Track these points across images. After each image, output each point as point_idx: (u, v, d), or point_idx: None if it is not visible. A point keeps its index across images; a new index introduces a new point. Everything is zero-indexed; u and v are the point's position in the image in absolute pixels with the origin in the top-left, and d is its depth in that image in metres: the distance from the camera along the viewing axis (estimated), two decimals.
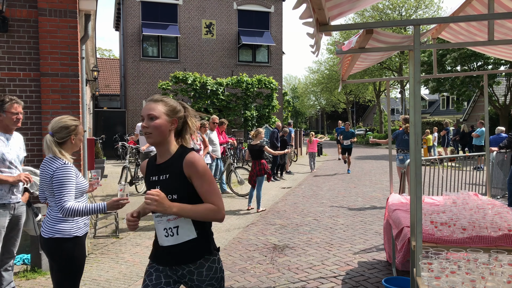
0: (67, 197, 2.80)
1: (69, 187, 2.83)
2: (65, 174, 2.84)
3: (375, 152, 26.55)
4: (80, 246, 2.95)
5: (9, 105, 3.72)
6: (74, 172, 2.93)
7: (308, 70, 76.76)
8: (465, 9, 3.53)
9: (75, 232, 2.91)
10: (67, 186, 2.82)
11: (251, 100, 20.51)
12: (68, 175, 2.85)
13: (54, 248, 2.87)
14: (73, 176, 2.89)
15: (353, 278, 4.69)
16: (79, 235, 2.94)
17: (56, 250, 2.86)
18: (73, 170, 2.93)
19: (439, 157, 8.24)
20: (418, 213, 2.69)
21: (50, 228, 2.88)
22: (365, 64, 4.80)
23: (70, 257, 2.87)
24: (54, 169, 2.85)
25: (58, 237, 2.86)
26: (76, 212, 2.79)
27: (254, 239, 6.40)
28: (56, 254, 2.87)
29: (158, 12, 22.84)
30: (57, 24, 5.35)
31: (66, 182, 2.83)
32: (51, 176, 2.85)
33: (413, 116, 2.76)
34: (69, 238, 2.88)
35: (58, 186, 2.81)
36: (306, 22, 2.29)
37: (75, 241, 2.91)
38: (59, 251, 2.86)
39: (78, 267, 2.93)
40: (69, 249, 2.87)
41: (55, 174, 2.84)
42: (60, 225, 2.88)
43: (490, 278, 2.28)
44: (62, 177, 2.83)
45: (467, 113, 35.81)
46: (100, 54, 44.65)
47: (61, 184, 2.81)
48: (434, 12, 33.32)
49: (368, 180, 13.22)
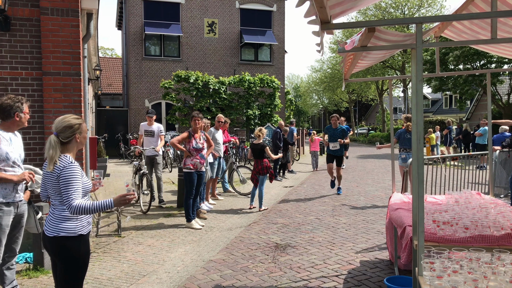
0: (74, 195, 2.80)
1: (76, 185, 2.83)
2: (72, 172, 2.84)
3: (378, 151, 26.51)
4: (85, 244, 2.95)
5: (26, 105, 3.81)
6: (80, 171, 2.93)
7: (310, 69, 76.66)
8: (468, 7, 3.52)
9: (79, 230, 2.91)
10: (74, 184, 2.82)
11: (253, 99, 20.49)
12: (75, 173, 2.85)
13: (59, 246, 2.87)
14: (79, 174, 2.89)
15: (355, 277, 4.68)
16: (83, 233, 2.94)
17: (61, 248, 2.86)
18: (79, 168, 2.94)
19: (442, 156, 8.21)
20: (420, 212, 2.68)
21: (54, 226, 2.88)
22: (367, 62, 4.78)
23: (76, 255, 2.87)
24: (61, 167, 2.86)
25: (63, 236, 2.85)
26: (84, 210, 2.78)
27: (256, 238, 6.40)
28: (61, 253, 2.87)
29: (160, 11, 22.84)
30: (59, 23, 5.36)
31: (73, 180, 2.83)
32: (58, 174, 2.85)
33: (416, 114, 2.75)
34: (74, 237, 2.88)
35: (65, 184, 2.82)
36: (311, 20, 2.29)
37: (80, 239, 2.91)
38: (64, 250, 2.86)
39: (83, 265, 2.93)
40: (74, 247, 2.87)
41: (62, 172, 2.84)
42: (64, 224, 2.87)
43: (493, 277, 2.27)
44: (69, 175, 2.83)
45: (470, 112, 35.68)
46: (103, 53, 44.72)
47: (68, 182, 2.82)
48: (437, 11, 33.19)
49: (371, 179, 13.20)
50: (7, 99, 3.75)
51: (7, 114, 3.74)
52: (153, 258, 5.35)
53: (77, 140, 3.03)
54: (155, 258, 5.35)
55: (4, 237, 3.76)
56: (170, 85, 19.46)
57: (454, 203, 3.95)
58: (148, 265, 5.11)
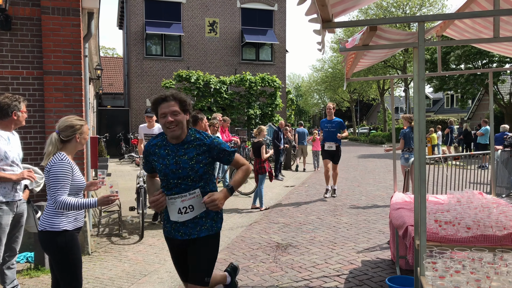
0: (60, 191, 2.93)
1: (64, 181, 2.95)
2: (60, 168, 2.95)
3: (379, 151, 26.47)
4: (71, 240, 3.02)
5: (23, 104, 3.83)
6: (70, 167, 3.01)
7: (311, 68, 76.57)
8: (470, 6, 3.50)
9: (64, 226, 3.01)
10: (61, 181, 2.94)
11: (254, 99, 20.46)
12: (63, 170, 2.96)
13: (46, 241, 3.01)
14: (68, 171, 2.99)
15: (356, 277, 4.67)
16: (68, 229, 3.03)
17: (48, 243, 3.00)
18: (69, 165, 3.01)
19: (444, 155, 8.19)
20: (422, 212, 2.66)
21: (44, 221, 3.02)
22: (369, 61, 4.77)
23: (60, 250, 2.98)
24: (52, 163, 2.98)
25: (48, 231, 2.99)
26: (68, 206, 2.92)
27: (257, 237, 6.39)
28: (48, 247, 3.02)
29: (161, 10, 22.84)
30: (60, 22, 5.35)
31: (61, 176, 2.95)
32: (48, 170, 2.98)
33: (418, 114, 2.74)
34: (58, 232, 2.99)
35: (53, 179, 2.94)
36: (312, 18, 2.28)
37: (64, 234, 3.01)
38: (50, 244, 3.00)
39: (73, 259, 3.02)
40: (59, 242, 2.98)
41: (52, 168, 2.96)
42: (51, 219, 3.00)
43: (495, 277, 2.26)
44: (57, 171, 2.95)
45: (472, 112, 35.63)
46: (104, 52, 44.73)
47: (56, 178, 2.94)
48: (439, 10, 33.12)
49: (372, 178, 13.18)
50: (4, 98, 3.76)
51: (5, 113, 3.75)
52: (154, 258, 5.35)
53: (77, 140, 3.13)
54: (156, 258, 5.35)
55: (4, 236, 3.76)
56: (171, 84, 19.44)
57: (456, 202, 3.93)
58: (149, 264, 5.10)
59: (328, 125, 9.37)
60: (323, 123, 9.53)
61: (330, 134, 9.30)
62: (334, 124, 9.32)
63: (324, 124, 9.46)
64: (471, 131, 20.54)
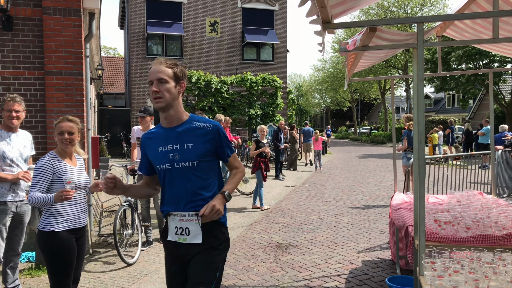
0: (34, 187, 3.04)
1: (39, 178, 3.05)
2: (38, 167, 3.08)
3: (380, 151, 26.46)
4: (58, 241, 3.04)
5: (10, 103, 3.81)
6: (48, 167, 3.07)
7: (313, 68, 76.57)
8: (470, 7, 3.51)
9: (51, 227, 3.05)
10: (37, 178, 3.05)
11: (255, 99, 20.47)
12: (40, 168, 3.06)
13: (37, 240, 3.11)
14: (44, 170, 3.06)
15: (357, 277, 4.68)
16: (56, 230, 3.05)
17: (38, 242, 3.10)
18: (47, 164, 3.08)
19: (444, 155, 8.19)
20: (421, 211, 2.67)
21: (40, 221, 3.13)
22: (369, 62, 4.78)
23: (47, 250, 3.04)
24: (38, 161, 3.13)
25: (40, 230, 3.08)
26: (32, 202, 3.01)
27: (258, 237, 6.40)
28: (38, 245, 3.11)
29: (162, 10, 22.86)
30: (61, 22, 5.37)
31: (36, 173, 3.06)
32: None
33: (417, 114, 2.75)
34: (46, 232, 3.05)
35: (33, 176, 3.08)
36: (313, 20, 2.29)
37: (52, 236, 3.04)
38: (39, 244, 3.09)
39: (60, 261, 3.04)
40: (46, 242, 3.04)
41: (35, 165, 3.11)
42: (42, 219, 3.10)
43: (494, 277, 2.27)
44: (36, 169, 3.07)
45: (473, 111, 35.59)
46: (105, 52, 44.76)
47: (34, 175, 3.06)
48: (440, 10, 33.08)
49: (373, 178, 13.18)
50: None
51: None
52: (155, 257, 5.36)
53: (55, 139, 3.21)
54: (157, 257, 5.36)
55: (2, 237, 3.78)
56: None
57: (456, 202, 3.94)
58: (150, 264, 5.12)
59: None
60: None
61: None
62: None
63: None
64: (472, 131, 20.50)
